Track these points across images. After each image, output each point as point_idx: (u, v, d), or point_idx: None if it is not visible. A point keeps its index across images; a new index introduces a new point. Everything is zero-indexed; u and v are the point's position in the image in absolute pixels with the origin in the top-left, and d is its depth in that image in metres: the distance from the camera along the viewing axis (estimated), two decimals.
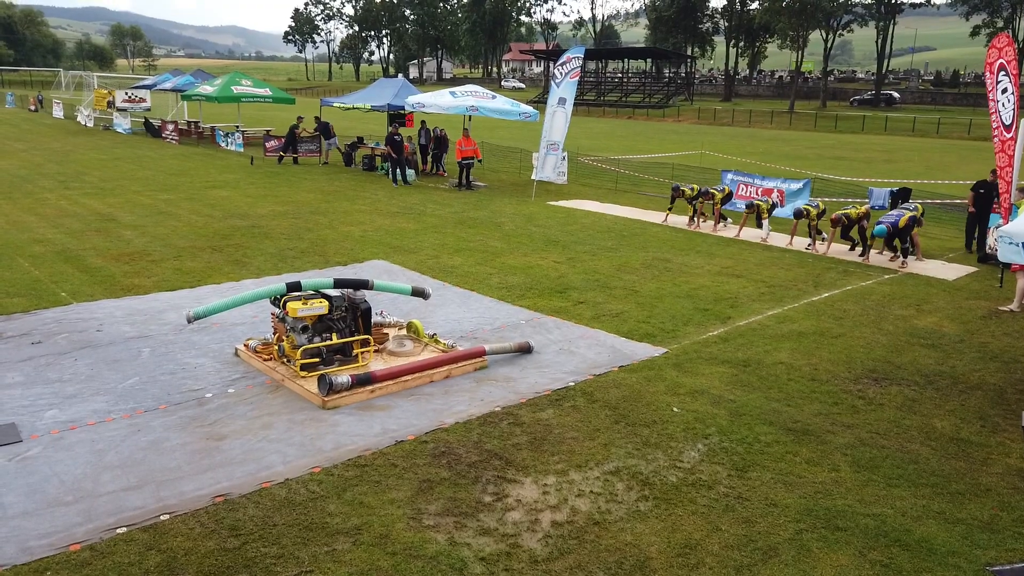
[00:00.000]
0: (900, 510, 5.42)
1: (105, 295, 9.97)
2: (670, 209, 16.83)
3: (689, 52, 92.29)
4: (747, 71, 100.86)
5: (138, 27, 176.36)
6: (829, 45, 74.93)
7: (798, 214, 14.33)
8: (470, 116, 21.56)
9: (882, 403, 7.35)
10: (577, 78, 20.01)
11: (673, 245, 14.47)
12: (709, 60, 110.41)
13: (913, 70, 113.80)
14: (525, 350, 8.29)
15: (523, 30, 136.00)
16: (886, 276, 12.54)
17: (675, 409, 7.01)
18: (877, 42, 75.58)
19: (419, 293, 8.54)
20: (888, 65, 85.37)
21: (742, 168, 22.47)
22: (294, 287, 7.64)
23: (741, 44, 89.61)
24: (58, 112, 44.26)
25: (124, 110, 36.08)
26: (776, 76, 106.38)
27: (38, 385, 7.06)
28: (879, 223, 13.06)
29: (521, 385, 7.49)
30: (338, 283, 7.78)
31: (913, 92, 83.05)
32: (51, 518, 4.96)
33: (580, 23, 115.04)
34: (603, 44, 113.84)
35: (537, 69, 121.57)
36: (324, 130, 26.14)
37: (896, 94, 78.82)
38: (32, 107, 49.02)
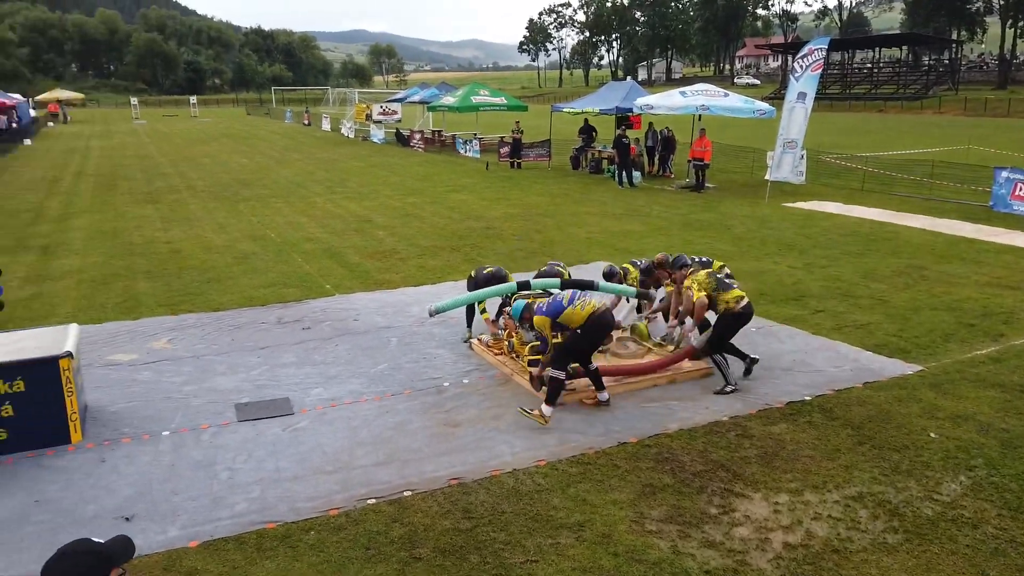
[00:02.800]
0: None
1: (361, 288, 11.10)
2: None
3: (954, 36, 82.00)
4: None
5: (392, 46, 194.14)
6: None
7: None
8: (700, 116, 20.99)
9: None
10: (819, 71, 18.67)
11: (932, 250, 12.97)
12: (979, 44, 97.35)
13: None
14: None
15: (759, 24, 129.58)
16: None
17: (932, 435, 6.28)
18: None
19: (644, 296, 8.48)
20: None
21: (1020, 165, 19.51)
22: (524, 286, 7.95)
23: (1022, 23, 77.80)
24: (326, 125, 49.98)
25: (379, 122, 39.87)
26: None
27: (307, 366, 8.04)
28: None
29: (750, 396, 7.15)
30: (565, 284, 7.96)
31: None
32: (315, 484, 5.62)
33: (824, 12, 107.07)
34: (850, 33, 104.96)
35: (774, 64, 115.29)
36: (589, 134, 26.69)
37: None
38: (305, 122, 55.89)
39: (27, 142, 39.60)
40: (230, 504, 5.34)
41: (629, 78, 51.57)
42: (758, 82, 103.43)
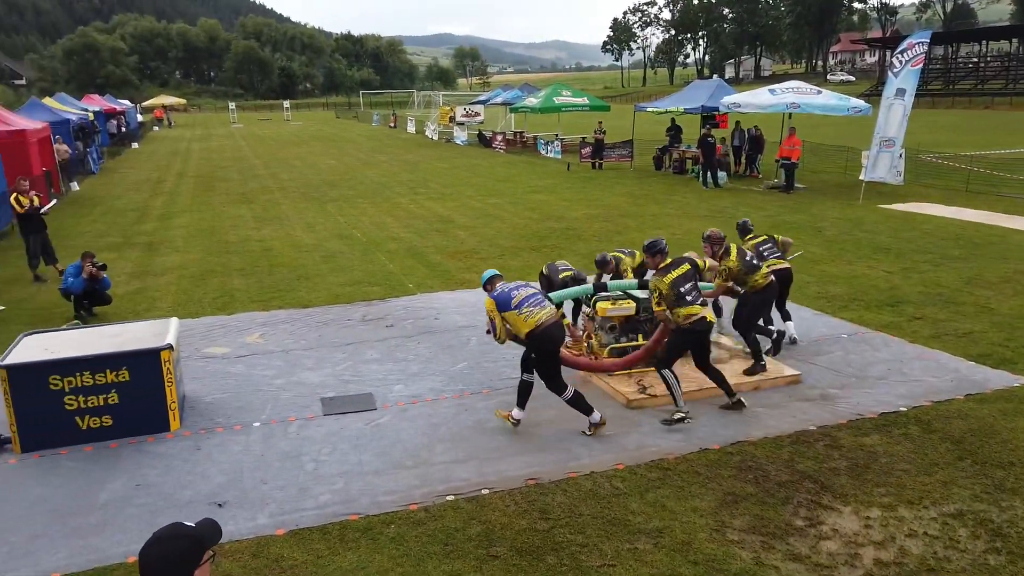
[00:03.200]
0: None
1: (442, 287, 11.26)
2: None
3: None
4: None
5: (476, 49, 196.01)
6: None
7: None
8: (790, 114, 20.31)
9: None
10: (920, 66, 17.76)
11: None
12: None
13: None
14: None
15: (855, 18, 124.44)
16: None
17: None
18: None
19: (643, 287, 8.13)
20: None
21: None
22: (601, 288, 7.88)
23: None
24: (410, 128, 51.02)
25: (462, 124, 40.39)
26: None
27: (389, 362, 8.22)
28: None
29: (841, 405, 6.87)
30: (641, 284, 7.86)
31: None
32: (395, 478, 5.74)
33: (926, 5, 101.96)
34: (954, 25, 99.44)
35: (870, 59, 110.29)
36: (676, 134, 26.28)
37: None
38: (391, 124, 57.17)
39: (134, 145, 42.07)
40: (315, 495, 5.52)
41: (716, 76, 50.33)
42: (853, 79, 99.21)
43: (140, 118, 57.75)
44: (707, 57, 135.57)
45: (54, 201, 13.61)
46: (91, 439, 6.35)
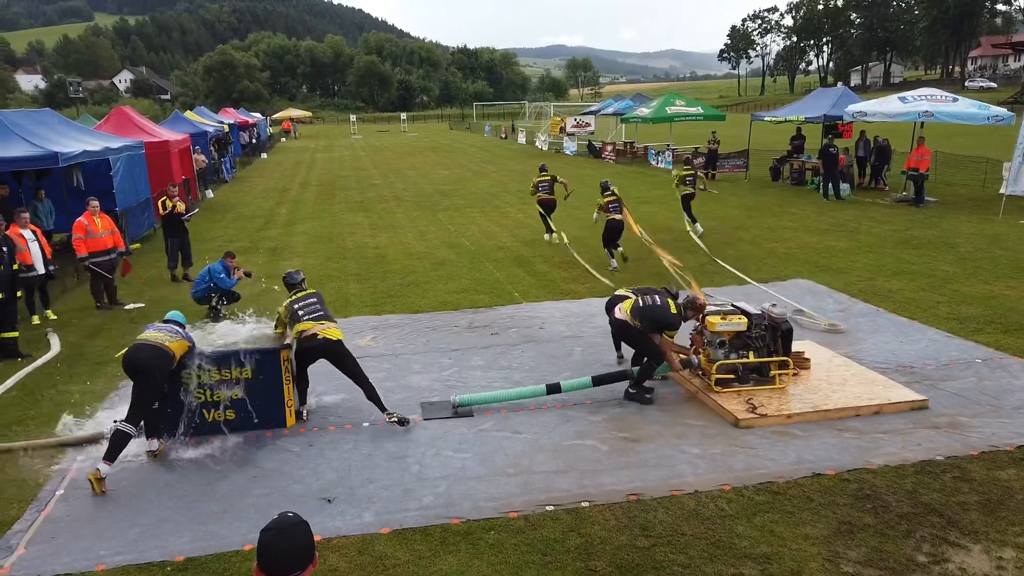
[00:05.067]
0: None
1: (548, 297, 11.30)
2: None
3: None
4: None
5: (588, 59, 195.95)
6: None
7: None
8: (922, 123, 19.10)
9: None
10: None
11: None
12: None
13: None
14: None
15: (997, 21, 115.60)
16: None
17: None
18: None
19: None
20: None
21: None
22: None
23: None
24: (521, 139, 51.57)
25: (572, 134, 40.45)
26: None
27: (493, 370, 8.31)
28: None
29: (972, 435, 6.37)
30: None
31: None
32: (496, 485, 5.79)
33: None
34: None
35: (1014, 65, 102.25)
36: (800, 144, 25.34)
37: None
38: (503, 135, 58.03)
39: (263, 156, 44.71)
40: (418, 496, 5.65)
41: (840, 83, 48.10)
42: (994, 85, 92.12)
43: (269, 130, 61.28)
44: (831, 64, 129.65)
45: (196, 209, 14.65)
46: (215, 431, 6.77)
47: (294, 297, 7.32)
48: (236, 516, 5.46)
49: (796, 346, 7.72)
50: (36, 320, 10.63)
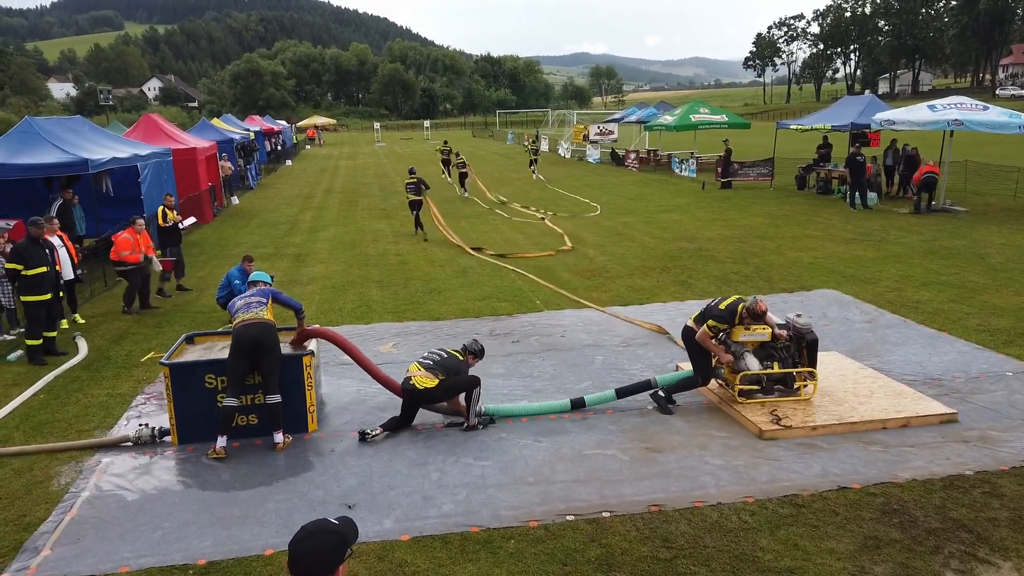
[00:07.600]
0: None
1: (569, 305, 11.26)
2: None
3: None
4: None
5: (612, 67, 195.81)
6: None
7: None
8: (951, 132, 18.81)
9: None
10: None
11: None
12: None
13: None
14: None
15: None
16: None
17: None
18: None
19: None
20: None
21: None
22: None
23: None
24: (544, 146, 51.61)
25: (595, 142, 40.40)
26: None
27: (514, 378, 8.30)
28: None
29: (1003, 449, 6.23)
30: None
31: None
32: (517, 494, 5.76)
33: None
34: None
35: None
36: (826, 152, 25.06)
37: None
38: (524, 143, 58.13)
39: (288, 163, 45.18)
40: (438, 504, 5.64)
41: (868, 91, 47.57)
42: None
43: (294, 137, 61.90)
44: (859, 72, 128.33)
45: (192, 219, 14.80)
46: (239, 435, 6.82)
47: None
48: (258, 521, 5.49)
49: (822, 357, 7.62)
50: (64, 324, 10.81)
